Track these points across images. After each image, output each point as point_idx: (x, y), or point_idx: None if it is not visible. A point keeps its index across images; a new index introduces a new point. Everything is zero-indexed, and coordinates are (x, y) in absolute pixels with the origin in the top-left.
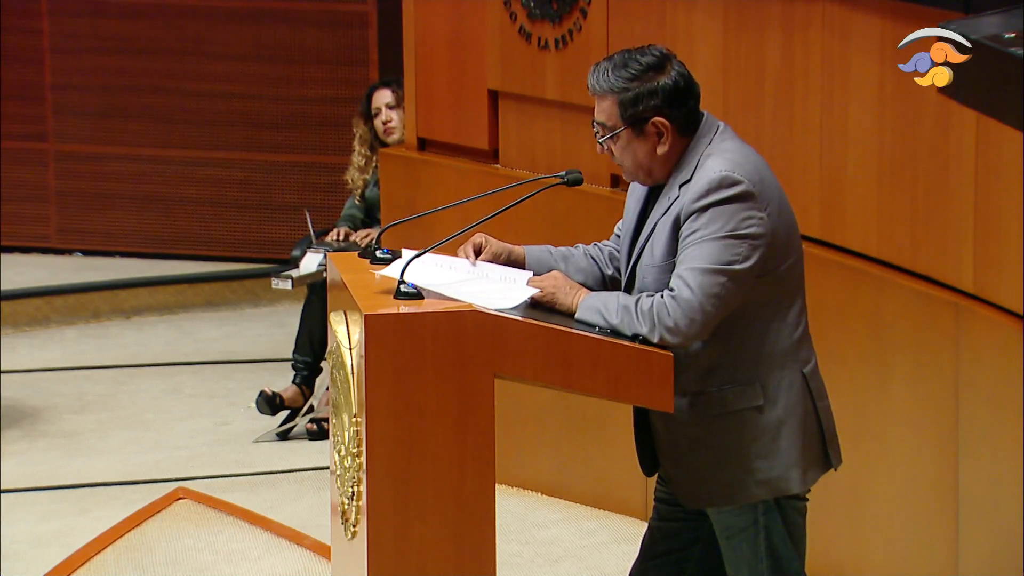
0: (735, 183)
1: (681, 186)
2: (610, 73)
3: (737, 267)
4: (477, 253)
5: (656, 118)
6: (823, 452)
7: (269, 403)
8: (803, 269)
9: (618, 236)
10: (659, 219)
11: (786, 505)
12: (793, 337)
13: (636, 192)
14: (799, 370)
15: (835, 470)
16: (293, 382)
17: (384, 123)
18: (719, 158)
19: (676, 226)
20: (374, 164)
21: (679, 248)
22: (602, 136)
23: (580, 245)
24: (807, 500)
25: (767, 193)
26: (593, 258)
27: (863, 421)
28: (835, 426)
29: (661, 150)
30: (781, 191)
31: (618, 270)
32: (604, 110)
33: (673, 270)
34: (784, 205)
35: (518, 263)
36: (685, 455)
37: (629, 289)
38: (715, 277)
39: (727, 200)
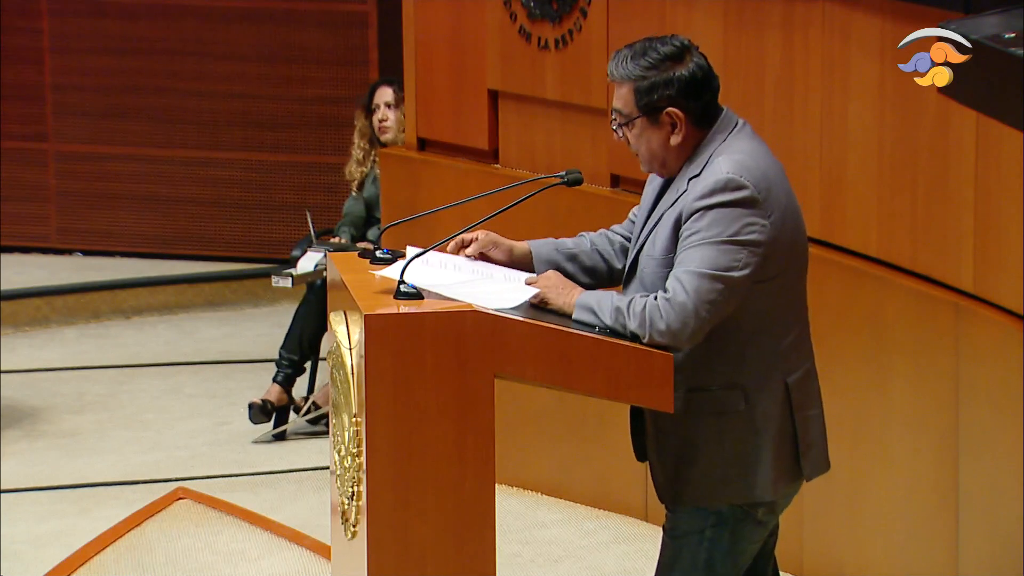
0: (740, 187)
1: (690, 180)
2: (629, 61)
3: (735, 274)
4: (467, 246)
5: (670, 108)
6: (795, 463)
7: (263, 411)
8: (805, 280)
9: (632, 222)
10: (665, 211)
11: (745, 523)
12: (780, 345)
13: (655, 181)
14: (782, 379)
15: (807, 480)
16: (274, 380)
17: (380, 120)
18: (729, 158)
19: (678, 223)
20: (372, 158)
21: (678, 247)
22: (617, 123)
23: (587, 235)
24: (767, 525)
25: (772, 200)
26: (600, 253)
27: (863, 421)
28: (821, 435)
29: (675, 140)
30: (791, 197)
31: None
32: (621, 97)
33: (670, 266)
34: (791, 212)
35: (522, 259)
36: (664, 448)
37: (630, 275)
38: (712, 283)
39: (730, 204)
